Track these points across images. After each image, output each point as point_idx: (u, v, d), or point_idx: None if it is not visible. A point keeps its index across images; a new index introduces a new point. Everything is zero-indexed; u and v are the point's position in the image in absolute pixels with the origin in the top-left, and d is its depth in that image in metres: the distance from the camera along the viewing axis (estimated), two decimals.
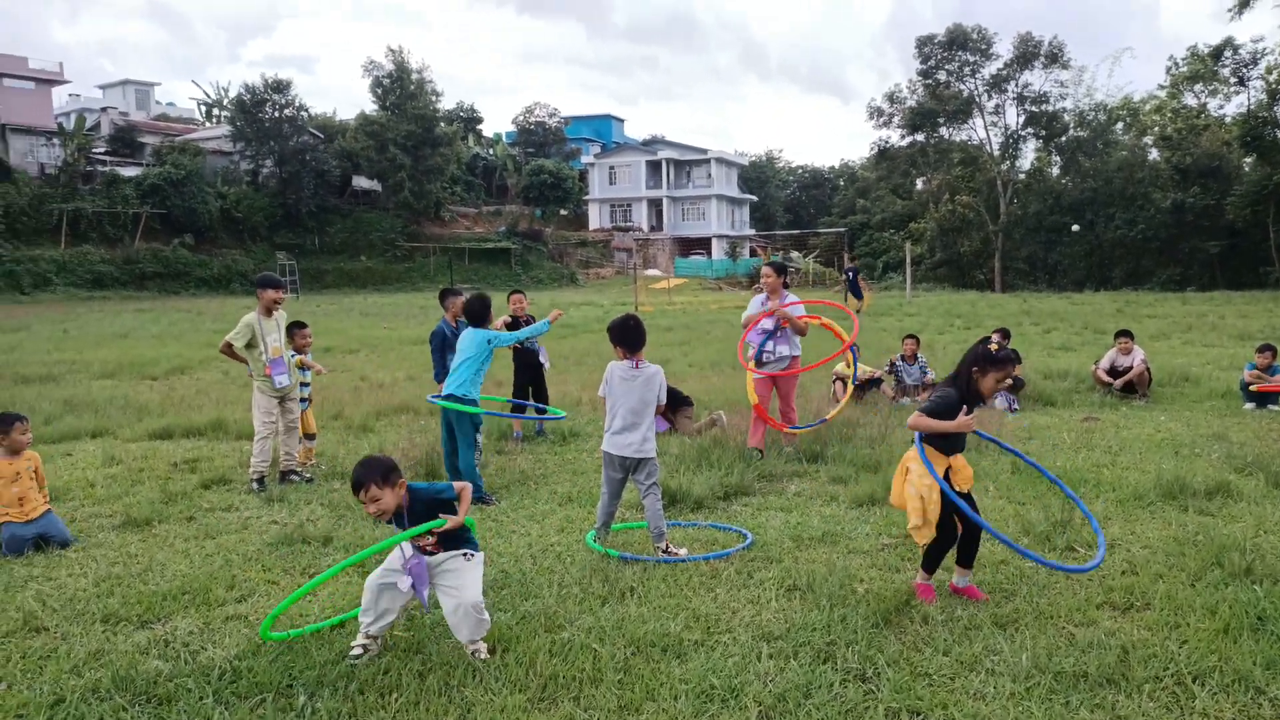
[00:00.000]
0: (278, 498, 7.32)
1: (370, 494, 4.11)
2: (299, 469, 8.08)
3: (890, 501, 5.11)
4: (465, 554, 4.21)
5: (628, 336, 5.86)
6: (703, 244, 72.33)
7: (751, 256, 74.83)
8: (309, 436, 8.66)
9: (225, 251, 56.36)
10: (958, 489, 4.81)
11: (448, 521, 4.23)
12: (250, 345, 7.73)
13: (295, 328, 8.56)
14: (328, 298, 49.86)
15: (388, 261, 63.04)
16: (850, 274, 30.39)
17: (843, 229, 48.83)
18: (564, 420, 9.71)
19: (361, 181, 69.85)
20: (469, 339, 7.35)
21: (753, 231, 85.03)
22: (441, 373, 8.71)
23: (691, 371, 15.01)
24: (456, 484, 4.35)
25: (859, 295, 29.87)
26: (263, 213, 60.21)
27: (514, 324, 9.51)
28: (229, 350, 7.72)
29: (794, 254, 66.72)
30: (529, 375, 9.78)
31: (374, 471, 4.14)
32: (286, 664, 4.24)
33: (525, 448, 9.22)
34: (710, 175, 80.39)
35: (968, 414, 4.73)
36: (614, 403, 5.82)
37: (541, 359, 9.69)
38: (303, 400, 8.51)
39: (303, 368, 8.52)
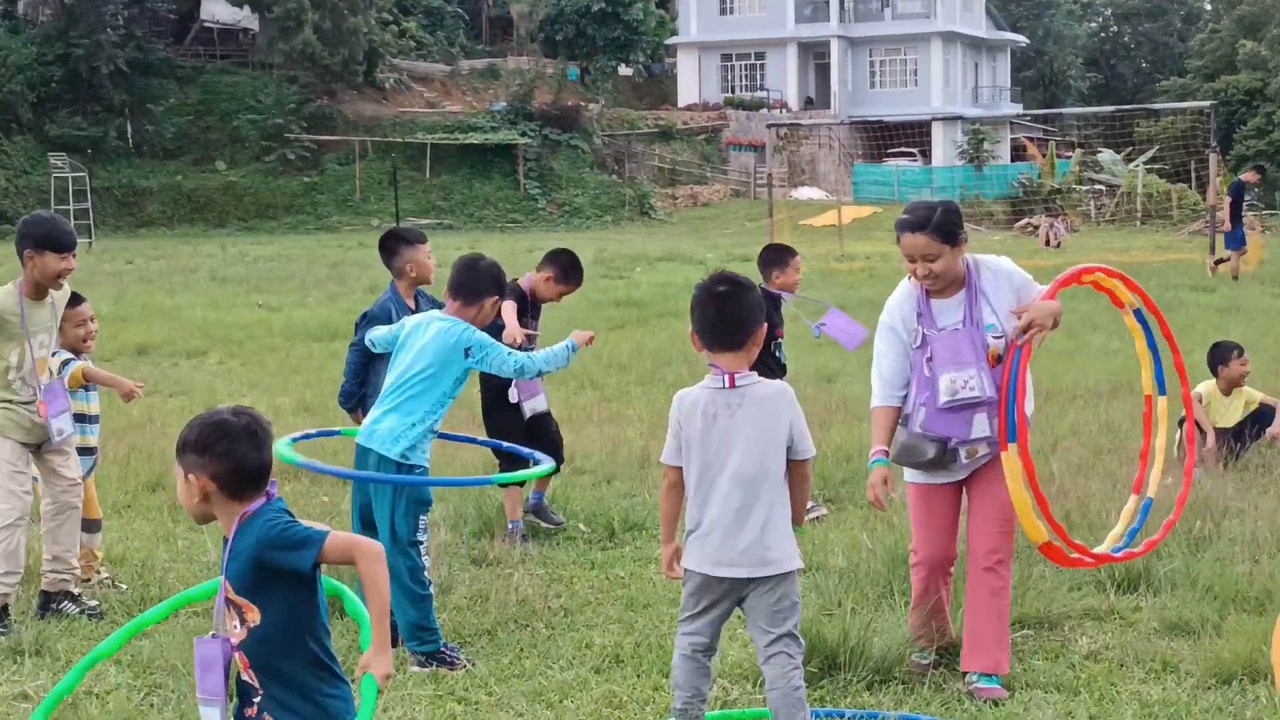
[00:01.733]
0: (33, 647, 7.48)
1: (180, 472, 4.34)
2: (78, 589, 8.27)
3: None
4: None
5: (719, 318, 5.84)
6: (913, 134, 72.19)
7: (1015, 161, 74.30)
8: (89, 526, 8.82)
9: None
10: None
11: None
12: None
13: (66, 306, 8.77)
14: (148, 243, 51.25)
15: (269, 173, 64.53)
16: (1235, 195, 29.93)
17: (1207, 102, 48.08)
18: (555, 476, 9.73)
19: (219, 11, 71.42)
20: (433, 339, 7.44)
21: (1018, 108, 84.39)
22: (358, 395, 8.85)
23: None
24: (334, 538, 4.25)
25: (1238, 241, 29.41)
26: (25, 77, 62.16)
27: (519, 304, 9.57)
28: None
29: (1103, 155, 66.07)
30: (513, 413, 9.86)
31: (184, 437, 4.36)
32: None
33: (530, 551, 9.30)
34: None
35: None
36: (698, 469, 5.83)
37: (520, 395, 9.76)
38: (81, 454, 8.69)
39: (84, 385, 8.72)
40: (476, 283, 7.56)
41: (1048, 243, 45.25)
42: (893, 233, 7.16)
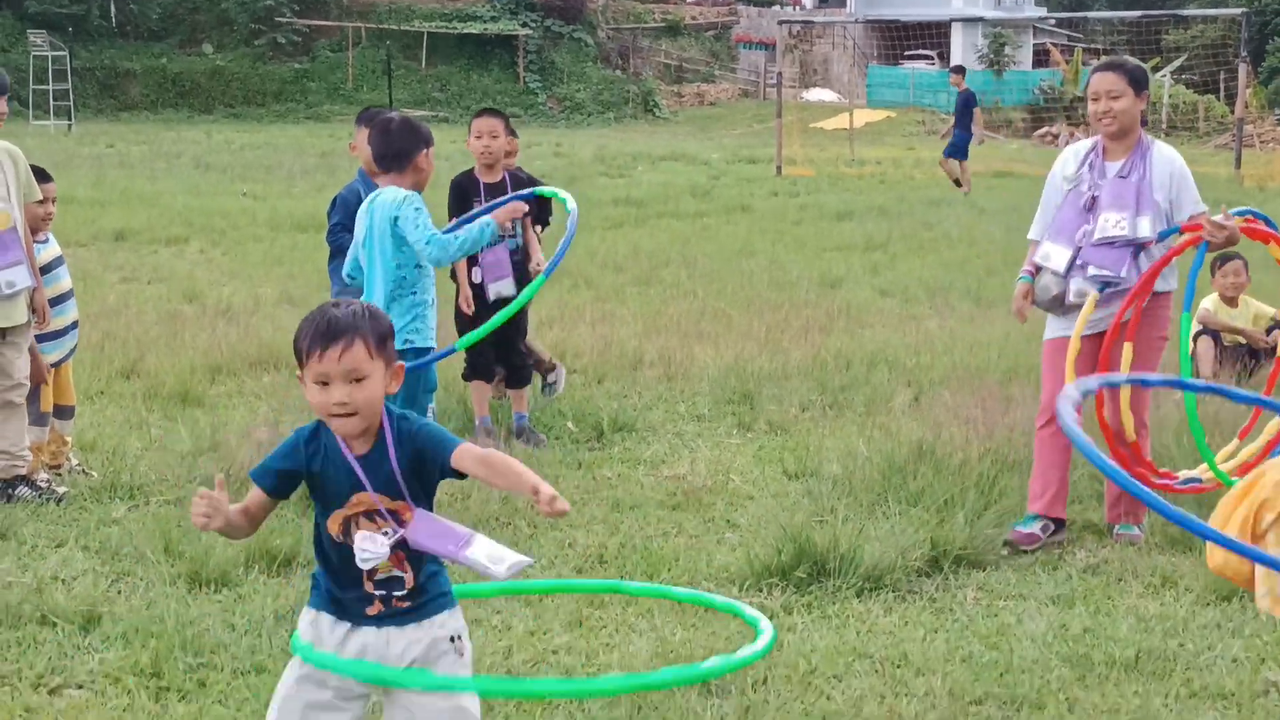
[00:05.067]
0: None
1: (347, 360, 4.07)
2: (37, 475, 8.37)
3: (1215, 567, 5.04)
4: (454, 639, 4.34)
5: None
6: (931, 36, 71.73)
7: (1037, 67, 73.94)
8: (62, 412, 8.95)
9: None
10: None
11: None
12: None
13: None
14: (130, 127, 51.04)
15: (258, 58, 64.21)
16: (963, 103, 30.12)
17: (1240, 10, 47.72)
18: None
19: None
20: (379, 218, 7.53)
21: (1042, 11, 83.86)
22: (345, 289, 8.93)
23: (889, 306, 15.08)
24: (467, 445, 4.22)
25: (958, 151, 29.84)
26: None
27: (465, 195, 9.58)
28: None
29: None
30: (489, 309, 9.74)
31: (361, 323, 4.12)
32: None
33: (514, 449, 9.33)
34: None
35: None
36: None
37: (484, 277, 9.57)
38: (50, 339, 8.74)
39: (45, 267, 8.75)
40: (400, 144, 7.57)
41: None
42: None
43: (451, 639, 4.27)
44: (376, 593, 4.19)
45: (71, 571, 7.06)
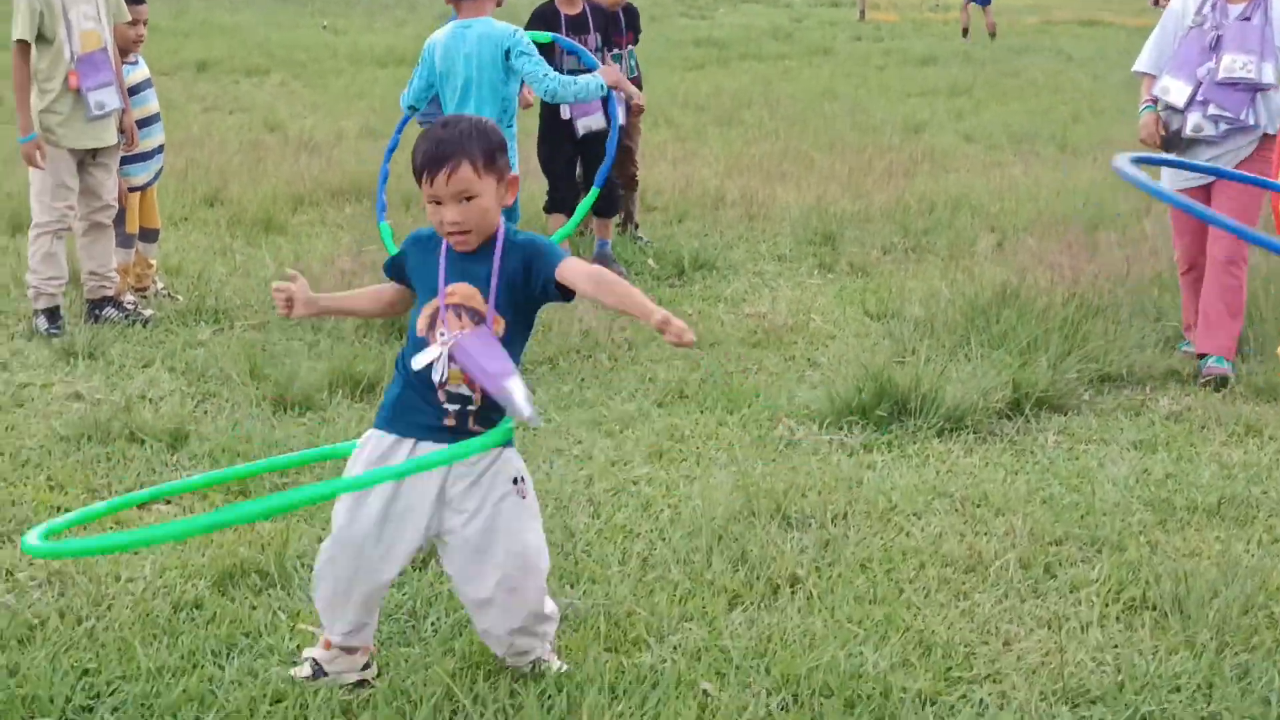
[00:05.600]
0: (86, 350, 7.73)
1: (455, 183, 4.13)
2: (124, 297, 8.51)
3: None
4: (517, 481, 4.39)
5: None
6: None
7: None
8: (147, 235, 9.06)
9: None
10: None
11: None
12: (40, 37, 8.04)
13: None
14: None
15: None
16: None
17: None
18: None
19: None
20: (476, 48, 7.50)
21: None
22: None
23: (973, 151, 14.93)
24: (575, 259, 4.29)
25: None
26: None
27: (547, 26, 9.51)
28: (25, 56, 7.97)
29: None
30: (563, 142, 9.83)
31: (468, 142, 4.17)
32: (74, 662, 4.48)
33: None
34: None
35: None
36: None
37: (573, 113, 9.57)
38: (137, 161, 8.79)
39: (133, 89, 8.77)
40: None
41: (1156, 3, 44.21)
42: None
43: (515, 480, 4.34)
44: (449, 406, 4.24)
45: (159, 391, 7.20)
